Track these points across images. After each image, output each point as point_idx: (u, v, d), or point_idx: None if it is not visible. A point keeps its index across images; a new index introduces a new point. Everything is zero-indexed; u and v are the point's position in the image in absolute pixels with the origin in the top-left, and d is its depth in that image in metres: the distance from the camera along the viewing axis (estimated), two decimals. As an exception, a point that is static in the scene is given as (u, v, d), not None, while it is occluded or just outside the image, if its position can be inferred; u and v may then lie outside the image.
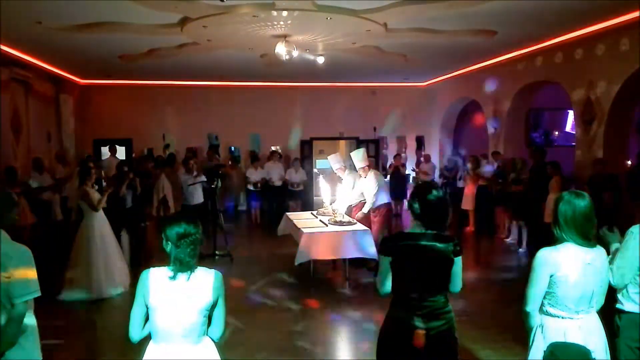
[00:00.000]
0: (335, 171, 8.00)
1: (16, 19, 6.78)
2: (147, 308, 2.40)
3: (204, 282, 2.46)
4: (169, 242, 2.44)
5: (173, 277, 2.39)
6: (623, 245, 2.88)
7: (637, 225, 2.88)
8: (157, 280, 2.40)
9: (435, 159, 13.59)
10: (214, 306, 2.49)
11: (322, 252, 6.70)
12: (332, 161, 7.97)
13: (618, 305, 2.93)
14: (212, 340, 2.55)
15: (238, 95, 13.66)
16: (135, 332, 2.43)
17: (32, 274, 2.53)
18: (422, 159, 13.35)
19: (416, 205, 2.75)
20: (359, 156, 7.66)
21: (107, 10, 6.55)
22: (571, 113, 10.97)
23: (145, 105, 13.30)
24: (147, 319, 2.45)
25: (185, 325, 2.40)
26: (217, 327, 2.54)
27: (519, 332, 3.09)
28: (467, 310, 5.41)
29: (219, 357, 2.58)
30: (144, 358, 2.48)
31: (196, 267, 2.48)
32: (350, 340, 5.35)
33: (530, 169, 8.98)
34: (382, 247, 2.80)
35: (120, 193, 7.60)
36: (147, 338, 2.50)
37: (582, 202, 2.60)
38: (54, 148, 11.35)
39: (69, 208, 9.26)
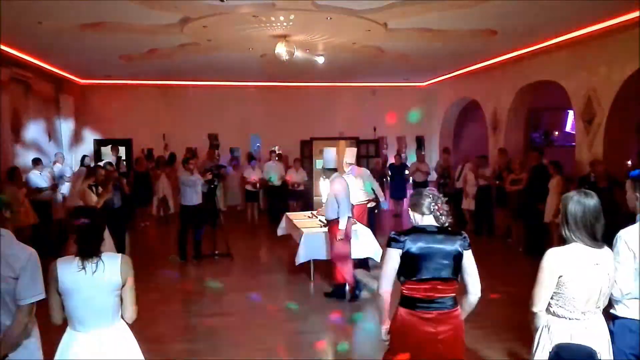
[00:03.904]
0: (345, 164, 8.03)
1: (16, 19, 6.77)
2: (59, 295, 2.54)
3: (111, 266, 2.59)
4: (74, 234, 2.59)
5: (82, 267, 2.52)
6: (617, 255, 2.80)
7: (625, 231, 2.84)
8: (64, 269, 2.53)
9: (435, 159, 13.59)
10: (123, 287, 2.62)
11: (322, 252, 6.70)
12: (349, 154, 8.10)
13: (612, 311, 2.90)
14: (126, 322, 2.69)
15: (238, 95, 13.66)
16: (56, 316, 2.58)
17: (38, 276, 2.54)
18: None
19: (419, 201, 2.80)
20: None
21: (107, 10, 6.55)
22: (571, 113, 10.98)
23: (145, 105, 13.30)
24: None
25: (97, 309, 2.54)
26: (128, 308, 2.66)
27: (521, 332, 3.09)
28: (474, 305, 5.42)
29: (133, 339, 2.71)
30: (60, 343, 2.61)
31: (101, 253, 2.61)
32: (350, 340, 5.35)
33: (529, 169, 8.96)
34: (391, 239, 2.77)
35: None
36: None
37: (592, 202, 2.58)
38: (54, 148, 11.35)
39: (68, 208, 9.27)
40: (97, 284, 2.52)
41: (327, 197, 6.32)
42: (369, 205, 7.89)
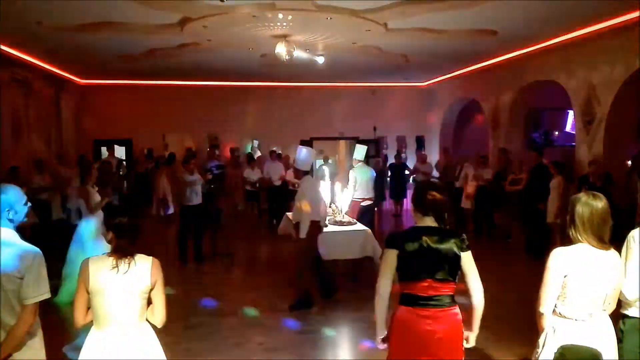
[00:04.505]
0: (353, 159, 8.31)
1: (16, 19, 6.78)
2: (88, 295, 2.54)
3: (143, 267, 2.59)
4: (110, 232, 2.59)
5: (115, 266, 2.52)
6: (630, 255, 2.81)
7: (638, 231, 2.85)
8: (96, 267, 2.53)
9: (435, 159, 13.60)
10: (152, 290, 2.63)
11: (322, 252, 6.69)
12: (359, 150, 8.30)
13: (622, 310, 2.90)
14: (155, 325, 2.69)
15: (238, 95, 13.66)
16: (79, 317, 2.57)
17: (43, 275, 2.54)
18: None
19: (420, 200, 2.80)
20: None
21: (107, 10, 6.55)
22: (571, 113, 10.98)
23: (145, 105, 13.31)
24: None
25: (123, 310, 2.54)
26: (158, 310, 2.67)
27: (522, 331, 3.09)
28: (469, 310, 5.42)
29: (156, 340, 2.71)
30: (85, 343, 2.59)
31: (135, 254, 2.60)
32: (350, 340, 5.35)
33: (528, 169, 8.96)
34: (389, 240, 2.79)
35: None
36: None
37: (600, 204, 2.60)
38: (54, 148, 11.35)
39: (68, 208, 9.26)
40: (127, 285, 2.53)
41: (295, 200, 6.12)
42: (362, 204, 7.95)
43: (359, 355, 4.85)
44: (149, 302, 2.65)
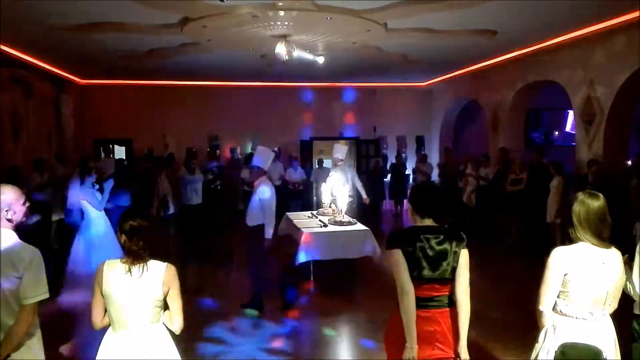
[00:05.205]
0: (334, 158, 8.35)
1: (17, 19, 6.78)
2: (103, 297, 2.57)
3: (155, 274, 2.58)
4: (123, 235, 2.58)
5: (128, 270, 2.53)
6: None
7: None
8: (110, 271, 2.55)
9: (435, 159, 13.60)
10: (166, 296, 2.62)
11: (322, 252, 6.70)
12: (338, 150, 8.28)
13: (636, 311, 2.89)
14: (174, 332, 2.69)
15: (238, 95, 13.66)
16: (96, 320, 2.61)
17: (42, 275, 2.54)
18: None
19: (419, 202, 2.80)
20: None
21: (107, 10, 6.55)
22: (571, 113, 10.98)
23: (145, 105, 13.31)
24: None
25: (136, 314, 2.55)
26: (175, 317, 2.65)
27: (520, 331, 3.09)
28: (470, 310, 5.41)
29: (171, 341, 2.70)
30: (101, 344, 2.62)
31: (149, 259, 2.59)
32: (350, 340, 5.35)
33: (529, 169, 8.96)
34: (390, 240, 2.75)
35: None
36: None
37: (596, 203, 2.60)
38: (54, 148, 11.35)
39: (68, 208, 9.24)
40: (139, 290, 2.53)
41: (251, 202, 5.90)
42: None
43: (359, 355, 4.85)
44: (166, 306, 2.65)
